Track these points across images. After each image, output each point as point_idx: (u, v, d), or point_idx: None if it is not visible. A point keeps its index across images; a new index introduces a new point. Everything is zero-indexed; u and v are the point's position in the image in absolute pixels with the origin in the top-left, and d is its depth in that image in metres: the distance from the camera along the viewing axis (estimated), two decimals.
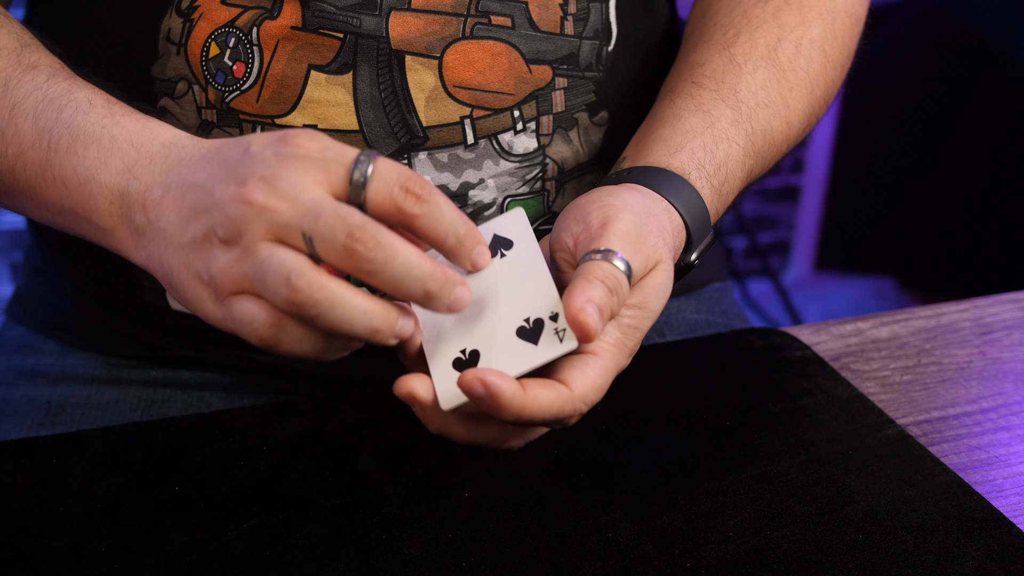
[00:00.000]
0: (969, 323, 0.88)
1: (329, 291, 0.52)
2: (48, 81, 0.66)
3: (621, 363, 0.60)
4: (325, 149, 0.55)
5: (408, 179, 0.55)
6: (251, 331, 0.54)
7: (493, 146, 0.77)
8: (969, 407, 0.76)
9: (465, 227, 0.57)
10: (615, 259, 0.58)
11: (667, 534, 0.61)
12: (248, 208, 0.53)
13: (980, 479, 0.68)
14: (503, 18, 0.75)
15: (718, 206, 0.73)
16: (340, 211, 0.52)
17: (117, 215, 0.61)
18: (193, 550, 0.61)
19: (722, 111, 0.75)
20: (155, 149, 0.61)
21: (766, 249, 3.25)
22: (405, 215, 0.55)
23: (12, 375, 0.90)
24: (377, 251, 0.52)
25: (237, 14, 0.73)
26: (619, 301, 0.58)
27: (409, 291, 0.53)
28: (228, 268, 0.54)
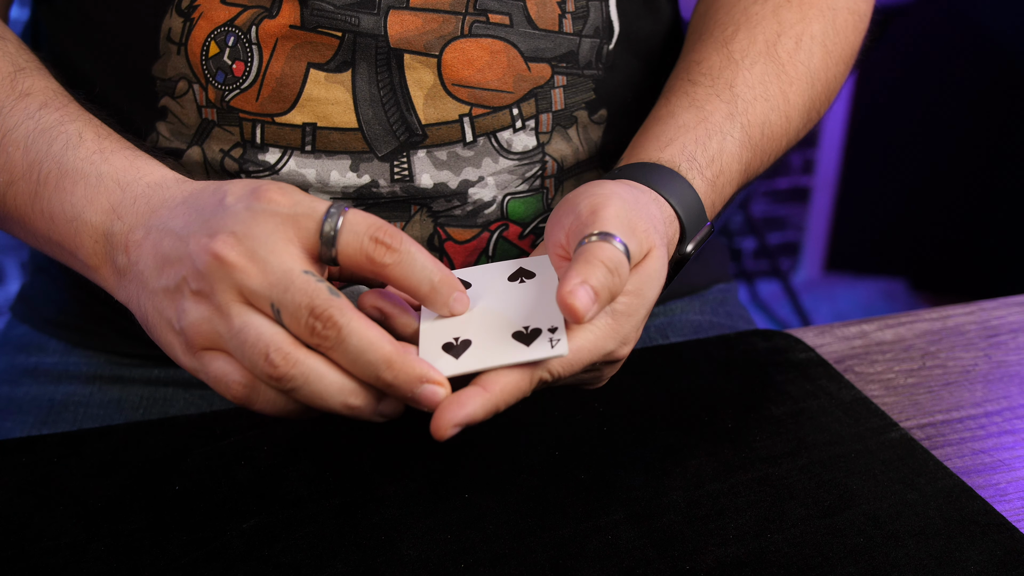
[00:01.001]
0: (975, 326, 0.87)
1: (306, 367, 0.54)
2: (40, 111, 0.67)
3: (608, 348, 0.60)
4: (296, 204, 0.56)
5: (378, 229, 0.56)
6: (225, 388, 0.56)
7: (492, 144, 0.77)
8: (974, 410, 0.76)
9: (440, 274, 0.58)
10: (614, 240, 0.58)
11: (667, 536, 0.61)
12: (218, 264, 0.54)
13: (983, 483, 0.68)
14: (501, 16, 0.75)
15: (714, 199, 0.72)
16: (307, 286, 0.53)
17: (101, 253, 0.62)
18: (192, 549, 0.61)
19: (716, 105, 0.75)
20: (140, 189, 0.62)
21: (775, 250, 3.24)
22: (376, 265, 0.56)
23: (16, 373, 0.90)
24: (332, 330, 0.53)
25: (236, 13, 0.72)
26: (620, 283, 0.57)
27: (364, 374, 0.54)
28: (200, 324, 0.55)
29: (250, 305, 0.54)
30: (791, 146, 0.82)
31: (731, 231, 3.12)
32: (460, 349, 0.57)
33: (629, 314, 0.60)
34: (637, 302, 0.60)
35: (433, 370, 0.55)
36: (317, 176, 0.75)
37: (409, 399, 0.55)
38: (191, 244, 0.56)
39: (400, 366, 0.54)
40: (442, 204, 0.77)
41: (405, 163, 0.76)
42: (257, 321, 0.54)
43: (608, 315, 0.59)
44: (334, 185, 0.75)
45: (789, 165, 3.18)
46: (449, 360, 0.57)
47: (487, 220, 0.79)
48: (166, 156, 0.76)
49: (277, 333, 0.54)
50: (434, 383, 0.55)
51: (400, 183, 0.76)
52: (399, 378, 0.54)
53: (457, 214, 0.78)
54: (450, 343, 0.58)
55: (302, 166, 0.75)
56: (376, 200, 0.76)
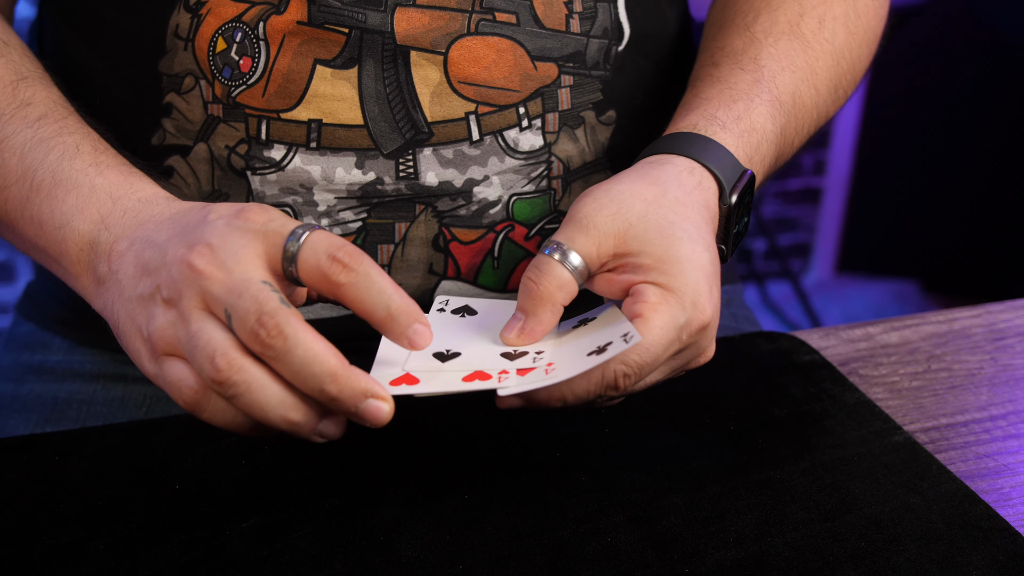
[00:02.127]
0: (981, 329, 0.87)
1: (248, 375, 0.54)
2: (40, 120, 0.68)
3: (678, 321, 0.62)
4: (269, 221, 0.58)
5: (338, 248, 0.56)
6: (178, 393, 0.57)
7: (498, 143, 0.77)
8: (978, 414, 0.75)
9: (399, 301, 0.57)
10: (548, 250, 0.64)
11: (667, 539, 0.61)
12: (190, 271, 0.56)
13: (987, 487, 0.67)
14: (508, 15, 0.75)
15: (749, 152, 0.72)
16: (260, 295, 0.54)
17: (84, 262, 0.63)
18: (191, 549, 0.61)
19: (740, 76, 0.75)
20: (130, 203, 0.63)
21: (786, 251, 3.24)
22: (331, 283, 0.56)
23: (20, 371, 0.90)
24: (278, 339, 0.53)
25: (244, 9, 0.72)
26: (543, 287, 0.63)
27: (307, 386, 0.54)
28: (164, 329, 0.57)
29: (210, 313, 0.55)
30: (822, 122, 0.82)
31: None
32: (449, 358, 0.59)
33: (668, 280, 0.62)
34: (673, 268, 0.62)
35: (378, 386, 0.55)
36: (322, 173, 0.75)
37: (353, 414, 0.55)
38: (169, 254, 0.57)
39: (345, 380, 0.54)
40: (447, 203, 0.77)
41: (411, 161, 0.76)
42: (211, 327, 0.55)
43: (654, 292, 0.62)
44: (339, 182, 0.75)
45: (800, 166, 3.17)
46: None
47: (493, 220, 0.79)
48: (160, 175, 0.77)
49: (226, 339, 0.54)
50: (379, 398, 0.55)
51: (405, 181, 0.76)
52: (343, 392, 0.54)
53: (462, 214, 0.78)
54: (442, 352, 0.59)
55: (307, 163, 0.75)
56: (381, 198, 0.76)
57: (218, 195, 0.76)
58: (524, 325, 0.63)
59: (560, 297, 0.63)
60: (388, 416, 0.55)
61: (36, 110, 0.69)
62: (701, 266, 0.63)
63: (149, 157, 0.76)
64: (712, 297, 0.63)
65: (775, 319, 3.01)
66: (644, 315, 0.61)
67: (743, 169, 0.71)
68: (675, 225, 0.64)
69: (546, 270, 0.63)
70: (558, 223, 0.81)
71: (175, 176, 0.77)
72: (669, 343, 0.61)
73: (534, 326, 0.63)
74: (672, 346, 0.61)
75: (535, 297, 0.62)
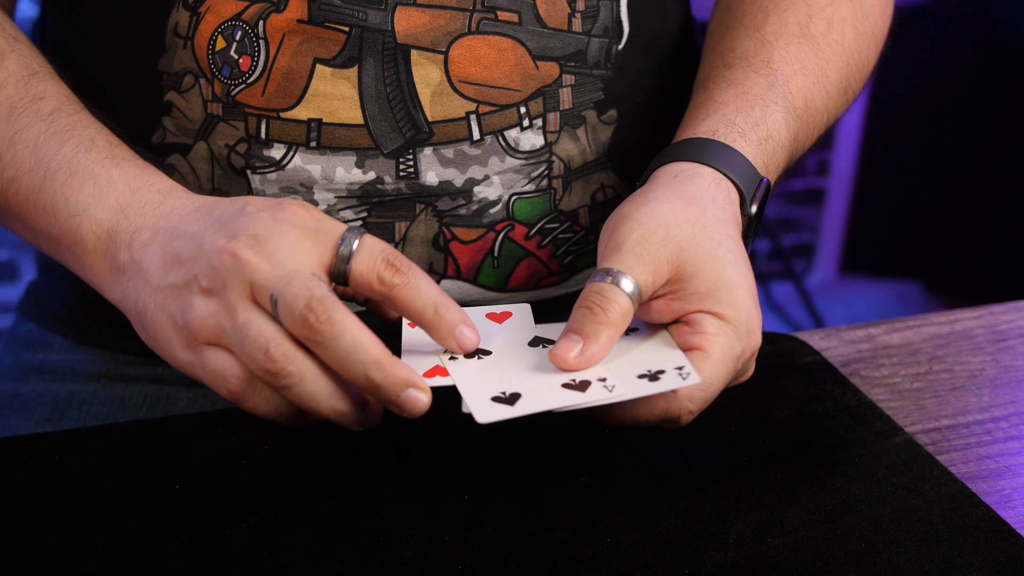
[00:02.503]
0: (983, 330, 0.87)
1: (303, 365, 0.55)
2: (54, 114, 0.69)
3: (735, 351, 0.62)
4: (318, 220, 0.59)
5: (391, 253, 0.59)
6: (222, 383, 0.57)
7: (499, 142, 0.77)
8: (980, 415, 0.75)
9: (446, 303, 0.60)
10: (608, 279, 0.62)
11: (667, 540, 0.61)
12: (234, 261, 0.56)
13: (988, 489, 0.67)
14: (510, 14, 0.75)
15: (765, 160, 0.72)
16: (309, 282, 0.55)
17: (101, 250, 0.63)
18: (191, 549, 0.61)
19: (755, 80, 0.75)
20: (150, 195, 0.64)
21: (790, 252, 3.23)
22: (385, 285, 0.58)
23: (21, 370, 0.90)
24: (327, 325, 0.54)
25: (244, 7, 0.72)
26: (609, 316, 0.61)
27: (352, 373, 0.55)
28: (206, 318, 0.57)
29: (256, 303, 0.56)
30: (830, 124, 0.83)
31: None
32: (512, 399, 0.58)
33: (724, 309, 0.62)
34: (726, 295, 0.62)
35: (419, 377, 0.56)
36: (322, 172, 0.75)
37: (393, 403, 0.56)
38: (206, 244, 0.58)
39: (389, 368, 0.55)
40: (447, 203, 0.77)
41: (411, 160, 0.75)
42: (260, 318, 0.56)
43: (712, 324, 0.62)
44: (339, 181, 0.75)
45: (804, 166, 3.16)
46: (504, 407, 0.57)
47: (493, 220, 0.78)
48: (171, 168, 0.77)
49: (277, 330, 0.55)
50: (419, 389, 0.56)
51: (405, 180, 0.76)
52: (387, 380, 0.55)
53: (462, 213, 0.78)
54: (499, 396, 0.59)
55: (307, 162, 0.74)
56: (381, 197, 0.76)
57: (218, 193, 0.76)
58: (584, 349, 0.60)
59: (622, 325, 0.61)
60: (426, 406, 0.56)
61: (49, 104, 0.69)
62: (750, 288, 0.64)
63: (149, 156, 0.76)
64: (760, 319, 0.64)
65: (778, 320, 3.01)
66: (705, 348, 0.61)
67: (760, 178, 0.71)
68: (722, 247, 0.64)
69: (611, 296, 0.61)
70: (558, 222, 0.80)
71: (175, 174, 0.77)
72: (728, 374, 0.62)
73: (595, 351, 0.60)
74: (730, 375, 0.62)
75: (600, 323, 0.60)
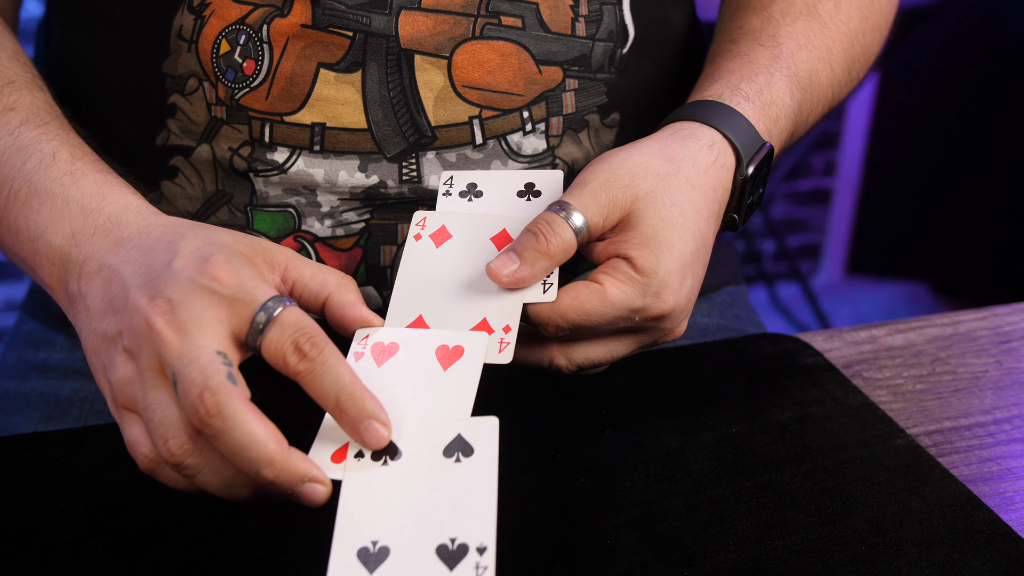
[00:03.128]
0: (987, 332, 0.87)
1: (199, 458, 0.55)
2: (21, 127, 0.69)
3: (633, 304, 0.64)
4: (238, 288, 0.57)
5: (302, 334, 0.56)
6: (136, 454, 0.58)
7: (502, 147, 0.77)
8: (983, 417, 0.75)
9: (352, 394, 0.56)
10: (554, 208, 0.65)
11: (666, 542, 0.61)
12: (148, 329, 0.55)
13: (990, 491, 0.67)
14: (513, 19, 0.75)
15: (768, 125, 0.74)
16: (208, 367, 0.53)
17: (56, 276, 0.64)
18: (190, 548, 0.61)
19: (760, 52, 0.77)
20: (101, 220, 0.63)
21: (796, 252, 3.23)
22: (290, 369, 0.56)
23: (24, 369, 0.90)
24: (217, 420, 0.53)
25: (248, 11, 0.72)
26: (546, 243, 0.63)
27: (243, 468, 0.55)
28: (124, 384, 0.57)
29: (164, 377, 0.55)
30: (835, 102, 0.84)
31: (751, 233, 3.11)
32: (377, 559, 0.53)
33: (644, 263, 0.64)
34: (653, 253, 0.64)
35: (316, 468, 0.55)
36: (325, 176, 0.75)
37: (290, 495, 0.55)
38: (131, 299, 0.57)
39: (282, 465, 0.54)
40: None
41: (414, 164, 0.76)
42: (165, 400, 0.55)
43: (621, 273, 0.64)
44: (342, 185, 0.75)
45: (811, 167, 3.16)
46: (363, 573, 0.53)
47: None
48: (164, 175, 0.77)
49: (179, 418, 0.54)
50: (316, 482, 0.55)
51: (408, 184, 0.76)
52: (280, 477, 0.54)
53: None
54: (366, 548, 0.53)
55: (310, 166, 0.75)
56: (384, 201, 0.76)
57: (222, 195, 0.76)
58: (518, 271, 0.63)
59: (560, 258, 0.64)
60: (324, 498, 0.55)
61: (18, 116, 0.69)
62: (681, 256, 0.65)
63: (153, 157, 0.77)
64: (681, 287, 0.65)
65: (784, 320, 3.01)
66: (603, 284, 0.64)
67: (763, 142, 0.72)
68: (675, 207, 0.66)
69: (557, 229, 0.64)
70: None
71: (179, 176, 0.77)
72: (616, 318, 0.64)
73: (526, 275, 0.63)
74: (620, 323, 0.64)
75: (540, 250, 0.63)
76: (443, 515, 0.54)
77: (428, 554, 0.52)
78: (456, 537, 0.53)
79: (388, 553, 0.53)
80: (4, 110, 0.69)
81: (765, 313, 3.02)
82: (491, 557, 0.52)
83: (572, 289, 0.63)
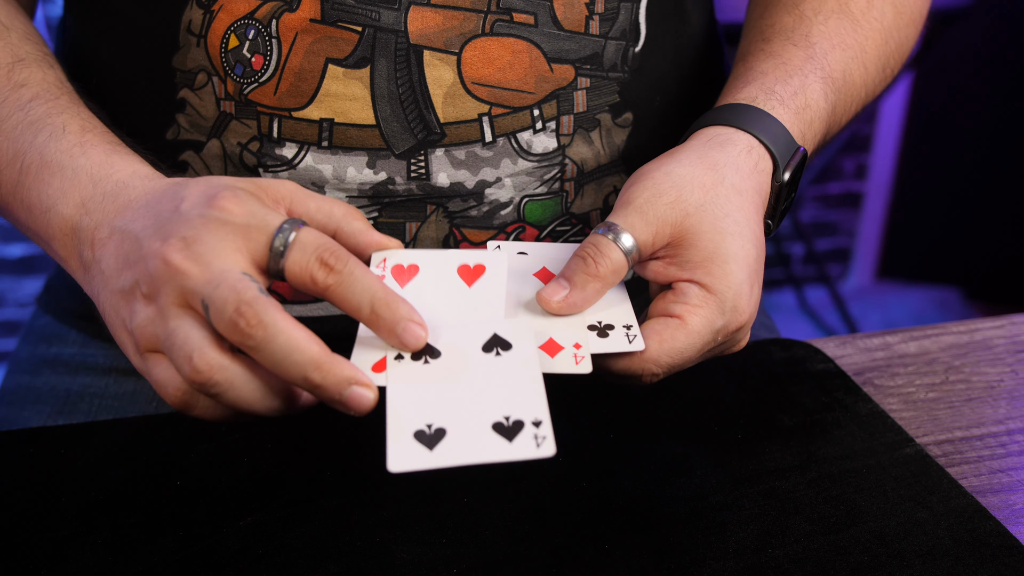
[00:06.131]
0: (1004, 340, 0.85)
1: (229, 373, 0.54)
2: (31, 102, 0.69)
3: (715, 325, 0.63)
4: (250, 215, 0.57)
5: (325, 250, 0.56)
6: (165, 393, 0.56)
7: (511, 145, 0.76)
8: (995, 428, 0.74)
9: (384, 299, 0.56)
10: (602, 230, 0.64)
11: (665, 548, 0.60)
12: (165, 268, 0.55)
13: (999, 503, 0.66)
14: (526, 15, 0.74)
15: (802, 128, 0.73)
16: (238, 284, 0.53)
17: (70, 246, 0.63)
18: (187, 545, 0.61)
19: (793, 52, 0.76)
20: (109, 186, 0.63)
21: (825, 256, 3.21)
22: (319, 285, 0.56)
23: (36, 363, 0.90)
24: (258, 328, 0.52)
25: (257, 6, 0.72)
26: (598, 267, 0.62)
27: (289, 375, 0.54)
28: (145, 326, 0.56)
29: (188, 308, 0.55)
30: (869, 100, 0.83)
31: (780, 236, 3.09)
32: (434, 439, 0.54)
33: (713, 281, 0.63)
34: (719, 269, 0.63)
35: (361, 373, 0.54)
36: (334, 172, 0.74)
37: (337, 402, 0.54)
38: (144, 247, 0.57)
39: (329, 367, 0.53)
40: (458, 204, 0.77)
41: (422, 161, 0.75)
42: (188, 325, 0.54)
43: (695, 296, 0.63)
44: (350, 181, 0.75)
45: (842, 170, 3.14)
46: (422, 451, 0.53)
47: (504, 222, 0.78)
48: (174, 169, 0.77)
49: (203, 337, 0.54)
50: (363, 385, 0.54)
51: (417, 181, 0.75)
52: (327, 379, 0.53)
53: (473, 215, 0.77)
54: (423, 431, 0.54)
55: (319, 161, 0.74)
56: (392, 198, 0.76)
57: None
58: (569, 296, 0.62)
59: (612, 280, 0.63)
60: (371, 404, 0.54)
61: (29, 92, 0.69)
62: (747, 264, 0.64)
63: (163, 152, 0.77)
64: (752, 297, 0.64)
65: (812, 325, 2.99)
66: (683, 317, 0.62)
67: (797, 146, 0.71)
68: (729, 218, 0.64)
69: (605, 250, 0.62)
70: (569, 225, 0.80)
71: (190, 171, 0.77)
72: (704, 345, 0.62)
73: (578, 300, 0.62)
74: (706, 347, 0.63)
75: (590, 274, 0.62)
76: (493, 398, 0.56)
77: (485, 430, 0.54)
78: (510, 415, 0.55)
79: (445, 433, 0.54)
80: (15, 87, 0.69)
81: (793, 317, 3.00)
82: (548, 428, 0.55)
83: (655, 334, 0.62)
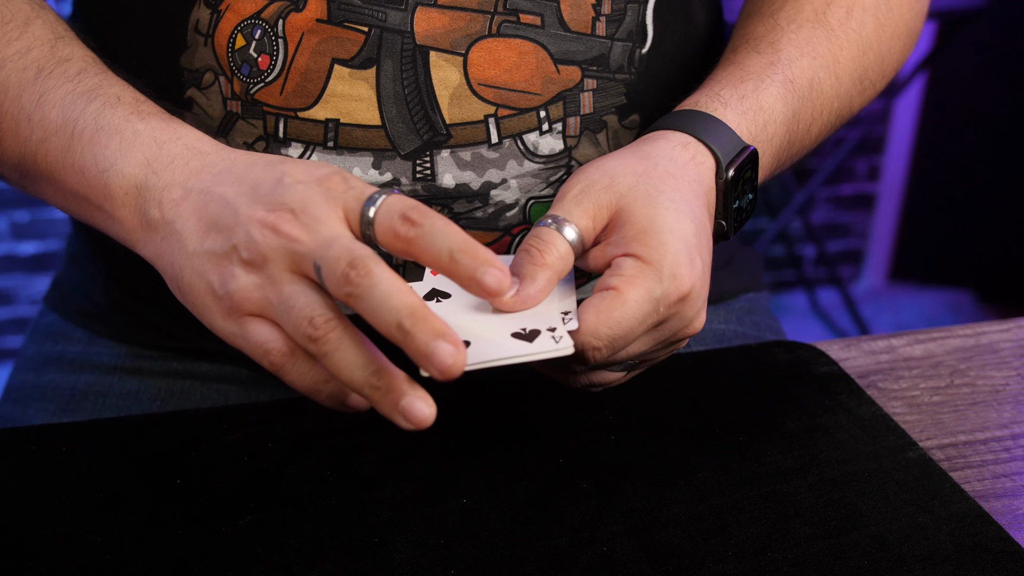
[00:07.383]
0: (1010, 344, 0.85)
1: (341, 332, 0.55)
2: (80, 74, 0.69)
3: (653, 293, 0.62)
4: (349, 189, 0.59)
5: (408, 208, 0.57)
6: (263, 354, 0.57)
7: (517, 146, 0.76)
8: (1000, 432, 0.74)
9: (463, 247, 0.56)
10: (546, 222, 0.64)
11: (664, 550, 0.60)
12: (275, 236, 0.56)
13: (1002, 508, 0.66)
14: (533, 16, 0.74)
15: (752, 129, 0.72)
16: (351, 244, 0.55)
17: (131, 205, 0.63)
18: (186, 544, 0.61)
19: (755, 59, 0.76)
20: (177, 149, 0.64)
21: (836, 258, 3.20)
22: (401, 240, 0.56)
23: (41, 361, 0.91)
24: (366, 277, 0.53)
25: (263, 5, 0.72)
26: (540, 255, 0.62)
27: (384, 320, 0.54)
28: (250, 291, 0.57)
29: (299, 274, 0.56)
30: (844, 114, 0.82)
31: (791, 237, 3.09)
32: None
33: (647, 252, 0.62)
34: (653, 239, 0.62)
35: (452, 331, 0.53)
36: None
37: (423, 355, 0.53)
38: (243, 213, 0.58)
39: (421, 317, 0.53)
40: (464, 205, 0.77)
41: (428, 162, 0.75)
42: (306, 289, 0.56)
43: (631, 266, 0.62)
44: None
45: (854, 171, 3.13)
46: None
47: (509, 223, 0.78)
48: None
49: (320, 300, 0.55)
50: (452, 343, 0.53)
51: (422, 182, 0.75)
52: (417, 327, 0.53)
53: (479, 216, 0.77)
54: None
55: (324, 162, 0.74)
56: None
57: None
58: (521, 290, 0.62)
59: (560, 267, 0.63)
60: (458, 368, 0.53)
61: (76, 65, 0.69)
62: (683, 236, 0.63)
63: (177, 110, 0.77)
64: (693, 267, 0.63)
65: (824, 326, 2.98)
66: (619, 288, 0.61)
67: (744, 145, 0.71)
68: (663, 195, 0.64)
69: (548, 239, 0.63)
70: None
71: None
72: (645, 316, 0.61)
73: (531, 292, 0.62)
74: (648, 319, 0.62)
75: (537, 264, 0.62)
76: (506, 317, 0.61)
77: (505, 337, 0.59)
78: (526, 326, 0.60)
79: (468, 344, 0.58)
80: (60, 61, 0.69)
81: (804, 319, 3.00)
82: (563, 331, 0.59)
83: (589, 307, 0.61)
